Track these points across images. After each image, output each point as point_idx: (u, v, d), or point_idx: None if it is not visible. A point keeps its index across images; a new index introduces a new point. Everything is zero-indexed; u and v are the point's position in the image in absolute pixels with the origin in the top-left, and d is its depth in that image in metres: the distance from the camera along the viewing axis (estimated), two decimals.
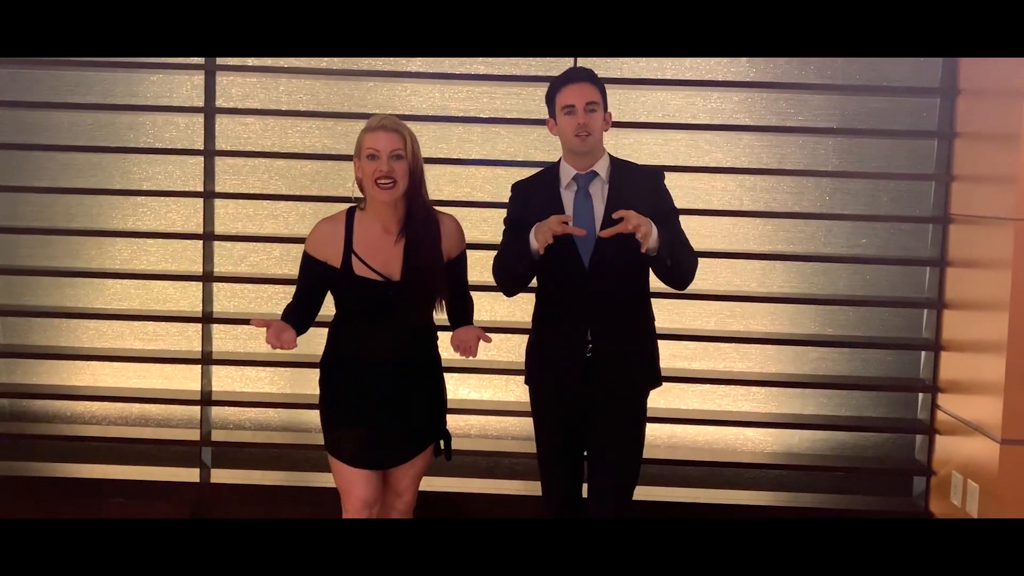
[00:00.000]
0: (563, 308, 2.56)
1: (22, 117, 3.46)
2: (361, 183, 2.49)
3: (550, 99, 2.59)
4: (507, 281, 2.59)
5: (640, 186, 2.57)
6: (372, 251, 2.47)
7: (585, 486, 2.64)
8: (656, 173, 2.65)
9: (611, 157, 2.62)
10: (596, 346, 2.51)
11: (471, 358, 2.49)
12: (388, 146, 2.41)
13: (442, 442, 2.64)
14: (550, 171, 2.64)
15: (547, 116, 2.62)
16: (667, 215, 2.54)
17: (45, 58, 3.31)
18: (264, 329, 2.38)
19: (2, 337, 3.56)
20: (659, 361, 2.68)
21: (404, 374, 2.53)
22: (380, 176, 2.41)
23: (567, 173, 2.58)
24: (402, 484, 2.64)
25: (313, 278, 2.52)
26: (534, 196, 2.61)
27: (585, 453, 2.63)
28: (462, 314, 2.63)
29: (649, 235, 2.37)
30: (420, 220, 2.48)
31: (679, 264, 2.50)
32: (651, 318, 2.66)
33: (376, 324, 2.48)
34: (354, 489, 2.53)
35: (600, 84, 2.56)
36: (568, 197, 2.57)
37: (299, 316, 2.51)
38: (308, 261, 2.52)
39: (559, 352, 2.57)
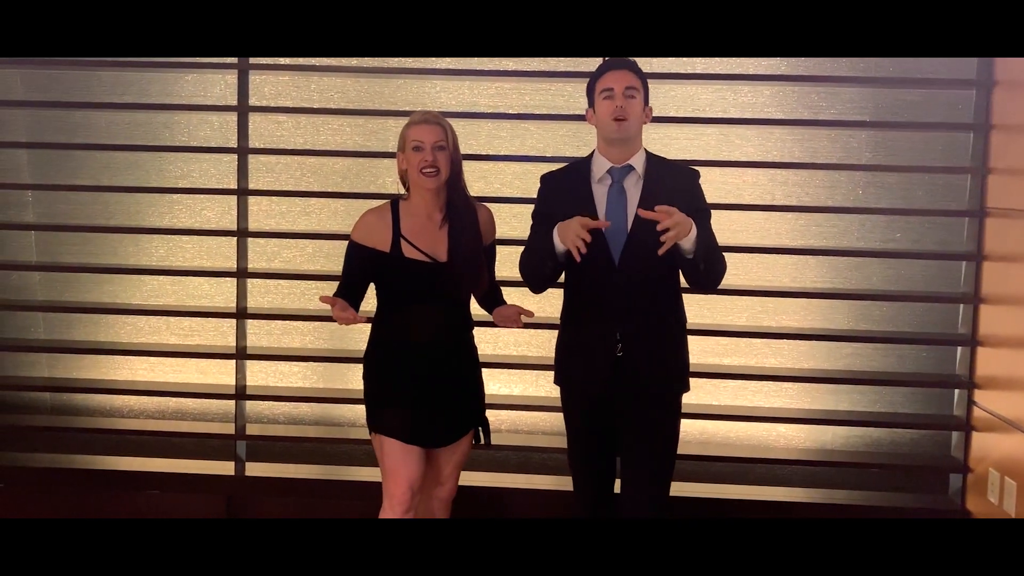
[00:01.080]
0: (592, 307, 2.53)
1: (62, 117, 3.53)
2: (405, 174, 2.67)
3: (590, 88, 2.57)
4: (533, 280, 2.60)
5: (676, 184, 2.52)
6: (419, 235, 2.63)
7: (618, 482, 2.63)
8: (693, 173, 2.60)
9: (647, 152, 2.58)
10: (625, 346, 2.48)
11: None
12: (432, 138, 2.59)
13: (481, 430, 2.77)
14: (582, 163, 2.61)
15: (584, 108, 2.62)
16: (700, 216, 2.47)
17: (84, 59, 3.38)
18: (329, 306, 2.53)
19: (44, 332, 3.64)
20: (688, 360, 2.64)
21: (447, 359, 2.67)
22: (425, 165, 2.58)
23: (601, 166, 2.54)
24: (445, 471, 2.73)
25: (361, 265, 2.66)
26: (564, 189, 2.58)
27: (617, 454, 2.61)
28: (494, 300, 2.81)
29: (687, 236, 2.34)
30: (460, 206, 2.66)
31: (710, 269, 2.46)
32: (683, 319, 2.63)
33: (424, 304, 2.63)
34: (401, 468, 2.61)
35: (641, 74, 2.54)
36: (600, 191, 2.53)
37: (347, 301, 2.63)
38: (356, 249, 2.66)
39: (588, 352, 2.54)
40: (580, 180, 2.56)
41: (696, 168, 2.63)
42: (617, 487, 2.66)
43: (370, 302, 2.72)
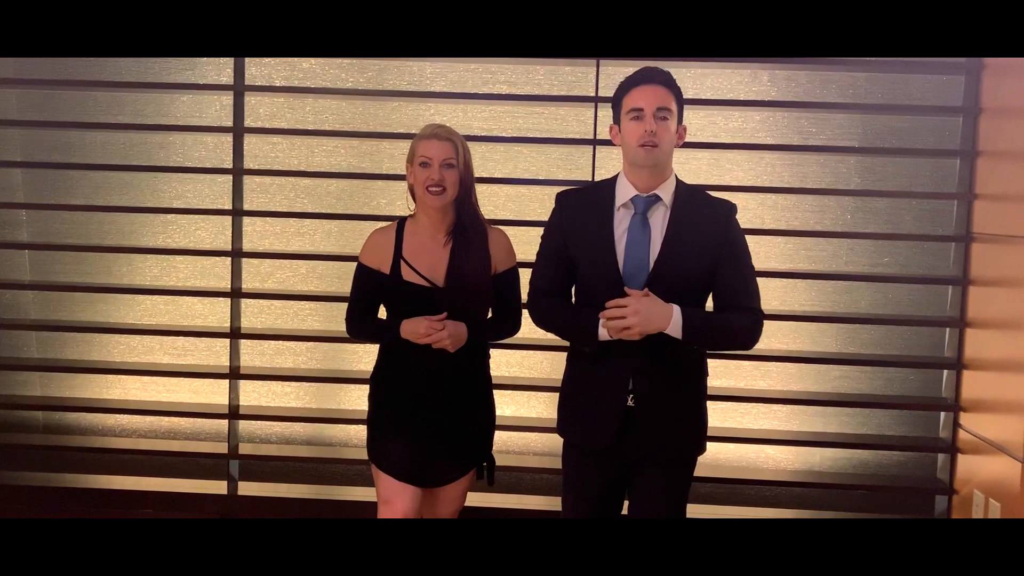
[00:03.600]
0: (604, 348, 2.25)
1: (57, 137, 3.54)
2: (412, 189, 2.57)
3: (616, 101, 2.30)
4: (548, 331, 2.40)
5: (707, 222, 2.25)
6: (420, 256, 2.53)
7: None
8: (729, 208, 2.31)
9: (678, 180, 2.32)
10: (638, 395, 2.24)
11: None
12: (440, 154, 2.47)
13: (485, 466, 2.65)
14: (605, 185, 2.35)
15: (610, 123, 2.37)
16: (733, 261, 2.26)
17: (80, 79, 3.40)
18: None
19: (37, 351, 3.64)
20: (707, 424, 2.39)
21: (453, 393, 2.55)
22: (431, 184, 2.47)
23: (625, 191, 2.28)
24: (445, 509, 2.66)
25: (366, 287, 2.59)
26: (583, 212, 2.32)
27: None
28: (491, 330, 2.60)
29: (661, 329, 2.14)
30: (469, 227, 2.53)
31: (719, 345, 2.30)
32: (704, 372, 2.38)
33: None
34: (396, 501, 2.54)
35: (677, 89, 2.26)
36: (622, 220, 2.27)
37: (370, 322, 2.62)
38: (362, 271, 2.60)
39: (596, 399, 2.29)
40: (602, 204, 2.29)
41: (733, 204, 2.35)
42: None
43: None
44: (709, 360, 3.33)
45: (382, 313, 2.67)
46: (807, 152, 3.39)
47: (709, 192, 2.42)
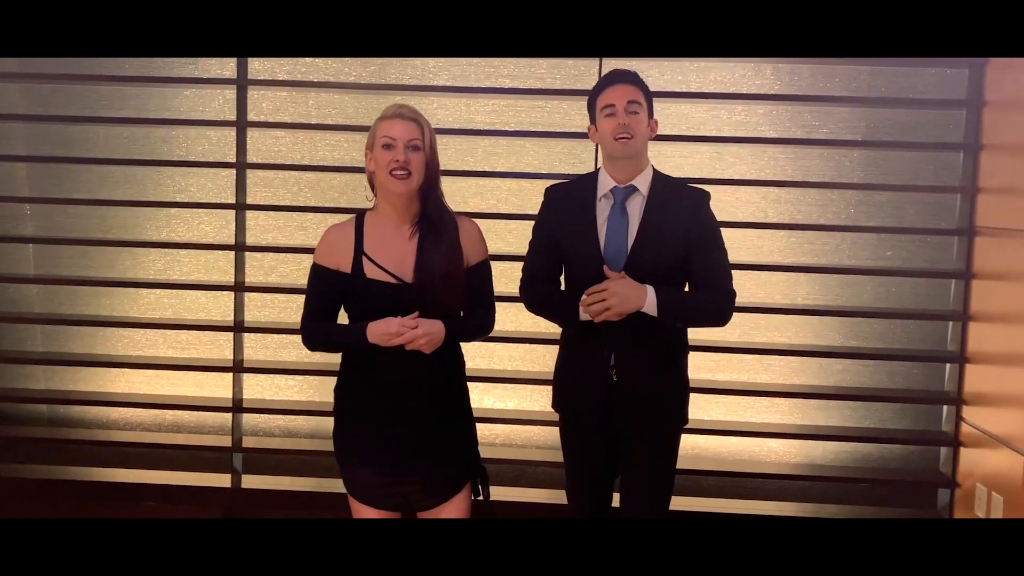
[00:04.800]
0: (588, 329, 2.41)
1: (61, 131, 3.55)
2: (372, 176, 2.33)
3: (591, 104, 2.47)
4: (538, 314, 2.54)
5: (681, 208, 2.41)
6: (384, 251, 2.29)
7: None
8: (701, 196, 2.47)
9: (655, 171, 2.48)
10: (620, 372, 2.40)
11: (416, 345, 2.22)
12: (405, 135, 2.24)
13: (479, 481, 2.40)
14: (588, 179, 2.51)
15: (587, 125, 2.54)
16: (705, 244, 2.41)
17: (83, 74, 3.40)
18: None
19: (41, 344, 3.66)
20: (688, 396, 2.54)
21: (427, 401, 2.29)
22: (396, 166, 2.23)
23: (605, 183, 2.44)
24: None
25: (324, 290, 2.32)
26: (567, 204, 2.48)
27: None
28: (468, 327, 2.36)
29: (636, 308, 2.30)
30: (435, 218, 2.30)
31: (694, 321, 2.44)
32: (683, 346, 2.53)
33: None
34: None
35: (644, 86, 2.43)
36: (602, 209, 2.44)
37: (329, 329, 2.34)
38: (318, 272, 2.32)
39: (583, 376, 2.47)
40: (584, 196, 2.46)
41: (707, 192, 2.50)
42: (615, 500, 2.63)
43: None
44: (713, 354, 3.38)
45: (342, 319, 2.39)
46: (810, 146, 3.39)
47: (689, 183, 2.57)
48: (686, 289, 2.47)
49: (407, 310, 2.23)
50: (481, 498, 2.41)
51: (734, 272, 3.27)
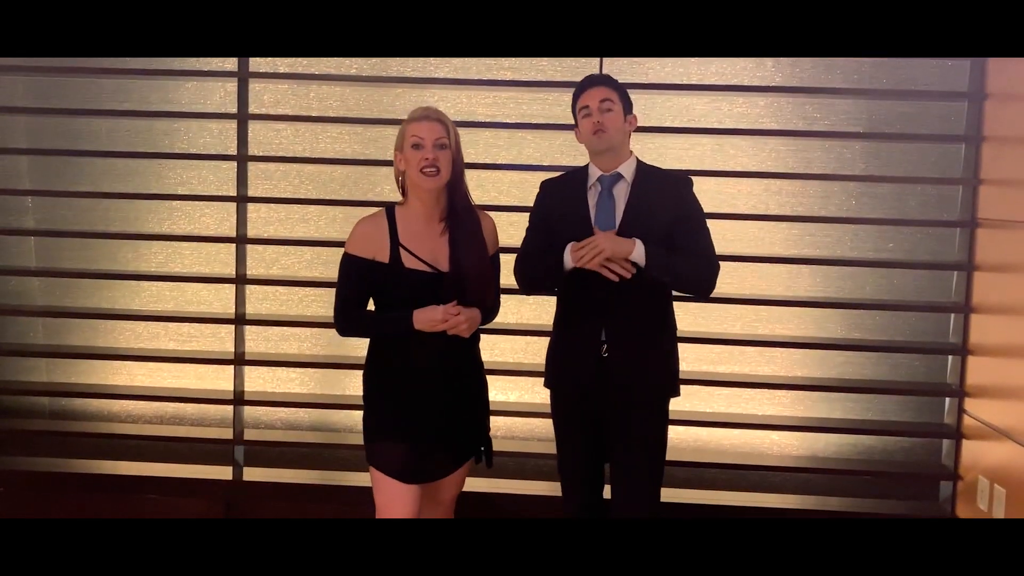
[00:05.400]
0: (580, 308, 2.58)
1: (64, 124, 3.56)
2: (402, 176, 2.52)
3: (573, 109, 2.65)
4: (530, 287, 2.67)
5: (663, 191, 2.59)
6: (419, 243, 2.47)
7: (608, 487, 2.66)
8: (683, 180, 2.65)
9: (638, 161, 2.65)
10: (611, 347, 2.52)
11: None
12: (432, 135, 2.44)
13: (482, 448, 2.63)
14: (580, 171, 2.68)
15: (573, 121, 2.67)
16: (687, 221, 2.56)
17: (85, 66, 3.41)
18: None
19: (43, 337, 3.66)
20: (678, 366, 2.67)
21: (453, 381, 2.52)
22: (425, 164, 2.42)
23: (593, 174, 2.63)
24: (445, 495, 2.66)
25: (360, 279, 2.48)
26: (560, 194, 2.66)
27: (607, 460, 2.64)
28: (487, 313, 2.60)
29: (627, 254, 2.43)
30: (462, 212, 2.50)
31: (680, 279, 2.54)
32: (671, 324, 2.66)
33: None
34: (395, 507, 2.47)
35: (616, 85, 2.61)
36: (591, 196, 2.61)
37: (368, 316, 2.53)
38: (352, 262, 2.49)
39: (575, 353, 2.59)
40: (576, 186, 2.64)
41: (688, 175, 2.68)
42: (606, 492, 2.69)
43: None
44: (714, 346, 3.38)
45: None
46: (812, 138, 3.38)
47: (690, 175, 2.71)
48: None
49: (445, 297, 2.43)
50: (486, 464, 2.64)
51: (736, 264, 3.33)
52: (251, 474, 3.48)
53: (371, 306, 2.56)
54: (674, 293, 2.65)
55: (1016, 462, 2.86)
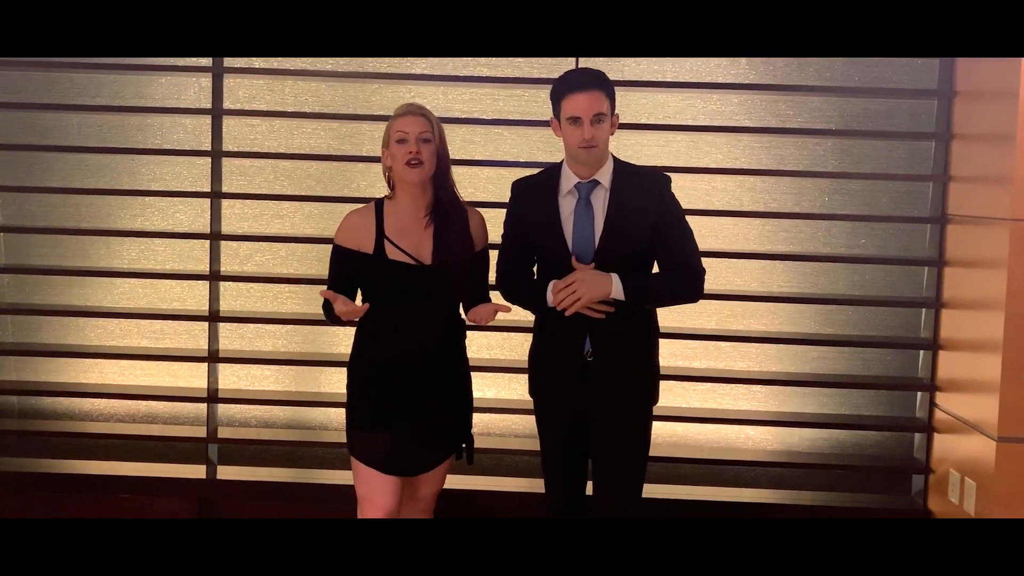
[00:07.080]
0: (563, 317, 2.47)
1: (34, 119, 3.51)
2: (390, 171, 2.57)
3: (555, 100, 2.49)
4: (512, 301, 2.62)
5: (643, 195, 2.50)
6: (403, 235, 2.53)
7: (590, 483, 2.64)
8: (662, 180, 2.55)
9: (615, 161, 2.56)
10: (595, 351, 2.49)
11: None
12: (416, 129, 2.50)
13: (464, 445, 2.66)
14: (551, 173, 2.58)
15: (551, 116, 2.54)
16: (668, 227, 2.50)
17: (56, 61, 3.36)
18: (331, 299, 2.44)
19: (12, 335, 3.61)
20: (659, 376, 2.63)
21: (436, 373, 2.56)
22: (410, 157, 2.48)
23: (568, 180, 2.52)
24: (425, 491, 2.68)
25: (345, 268, 2.55)
26: (533, 200, 2.57)
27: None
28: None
29: (604, 295, 2.40)
30: (447, 205, 2.55)
31: (661, 300, 2.55)
32: (654, 328, 2.62)
33: (409, 312, 2.52)
34: (377, 498, 2.52)
35: (609, 88, 2.47)
36: (567, 204, 2.52)
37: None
38: (339, 252, 2.56)
39: (558, 360, 2.55)
40: (548, 192, 2.54)
41: (666, 173, 2.60)
42: (589, 488, 2.68)
43: None
44: (689, 341, 3.40)
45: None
46: (785, 135, 3.42)
47: (665, 171, 2.67)
48: (655, 271, 2.58)
49: (425, 290, 2.50)
50: (466, 461, 2.66)
51: (711, 260, 3.34)
52: (225, 473, 3.45)
53: (359, 300, 2.60)
54: None
55: (986, 455, 2.90)
